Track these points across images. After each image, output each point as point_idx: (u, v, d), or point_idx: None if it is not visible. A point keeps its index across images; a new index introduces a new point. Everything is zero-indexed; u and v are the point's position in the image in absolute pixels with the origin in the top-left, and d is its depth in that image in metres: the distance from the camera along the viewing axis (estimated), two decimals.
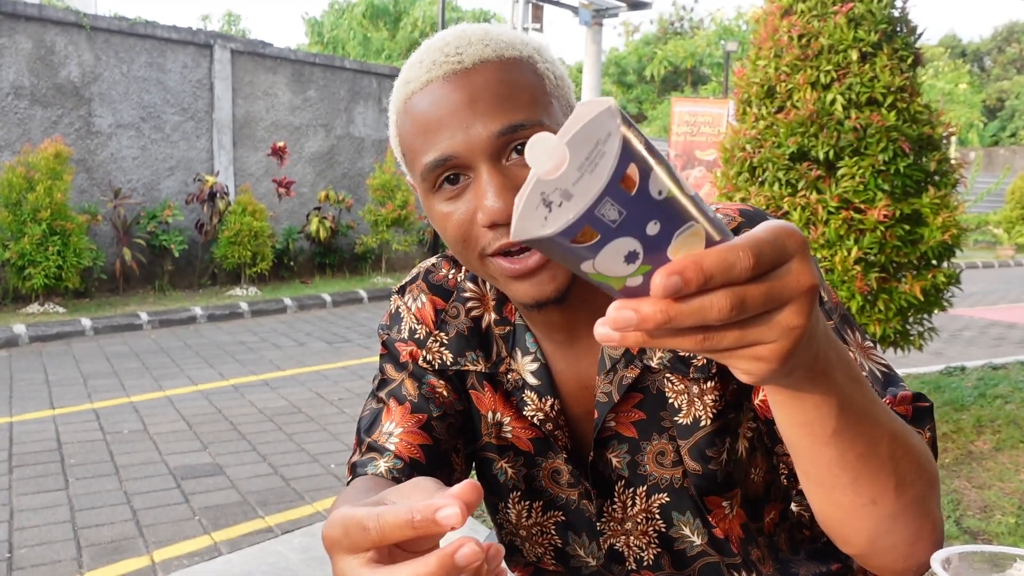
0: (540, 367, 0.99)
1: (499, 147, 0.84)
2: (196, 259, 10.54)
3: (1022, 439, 4.41)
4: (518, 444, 1.02)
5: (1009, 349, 7.58)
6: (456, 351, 1.02)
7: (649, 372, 0.95)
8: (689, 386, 0.94)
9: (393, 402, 1.01)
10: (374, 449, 0.97)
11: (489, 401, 1.02)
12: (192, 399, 5.68)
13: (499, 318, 1.02)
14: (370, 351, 7.34)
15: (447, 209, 0.88)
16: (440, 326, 1.04)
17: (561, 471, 1.01)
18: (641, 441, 0.97)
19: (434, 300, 1.06)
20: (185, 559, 3.31)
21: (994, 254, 17.54)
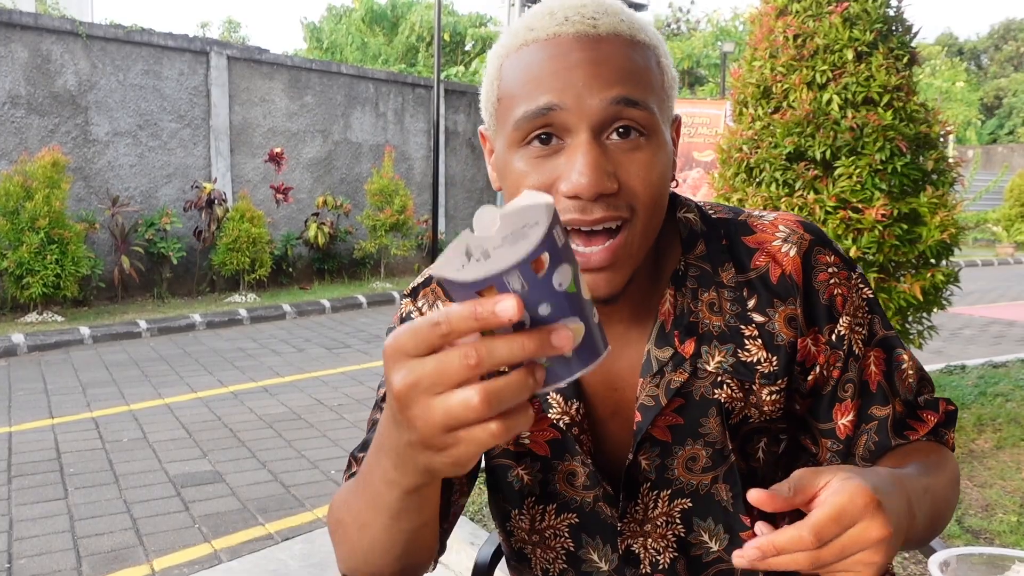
0: None
1: (607, 117, 0.82)
2: (195, 266, 10.53)
3: (1023, 437, 4.40)
4: (535, 449, 0.99)
5: (1009, 347, 7.57)
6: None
7: (697, 377, 0.93)
8: (747, 395, 0.94)
9: None
10: None
11: None
12: (191, 406, 5.67)
13: None
14: (370, 356, 7.33)
15: (527, 168, 0.85)
16: None
17: (577, 473, 0.98)
18: (674, 445, 0.95)
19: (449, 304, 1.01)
20: (185, 567, 3.30)
21: (993, 252, 17.54)
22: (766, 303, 0.94)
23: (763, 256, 0.95)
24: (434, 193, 12.71)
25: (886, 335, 0.99)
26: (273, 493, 4.08)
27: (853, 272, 0.97)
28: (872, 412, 0.96)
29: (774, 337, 0.94)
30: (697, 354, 0.93)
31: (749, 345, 0.94)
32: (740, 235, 0.97)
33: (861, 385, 0.96)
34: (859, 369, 0.96)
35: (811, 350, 0.95)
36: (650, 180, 0.85)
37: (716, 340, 0.93)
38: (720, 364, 0.93)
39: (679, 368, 0.93)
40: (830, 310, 0.94)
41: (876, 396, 0.96)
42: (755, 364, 0.93)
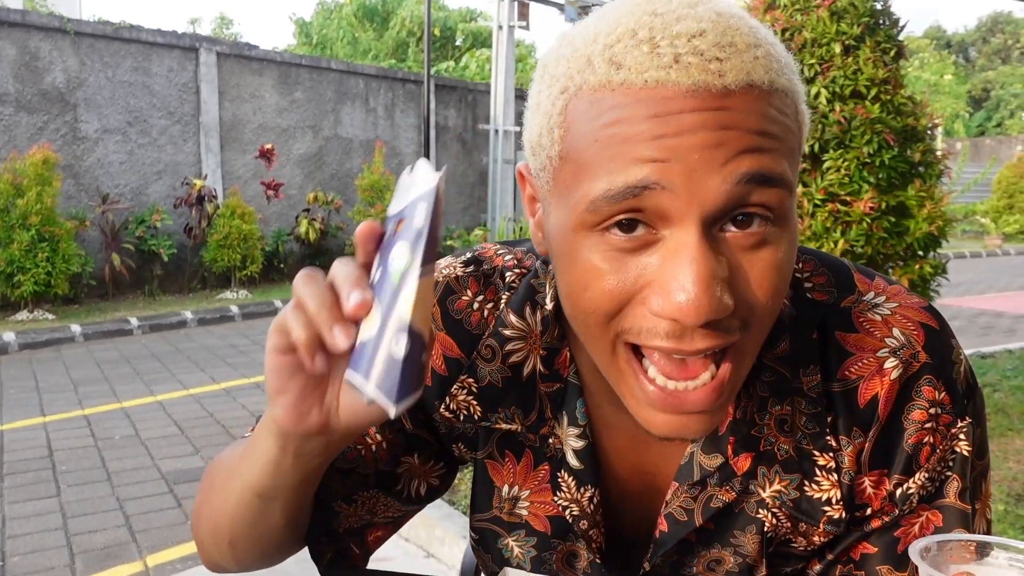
0: (586, 447, 0.79)
1: (729, 203, 0.58)
2: (186, 263, 10.51)
3: (1011, 427, 4.44)
4: (532, 523, 0.83)
5: (997, 338, 7.62)
6: (487, 405, 0.80)
7: (745, 500, 0.76)
8: (795, 524, 0.77)
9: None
10: None
11: (508, 473, 0.83)
12: (184, 403, 5.67)
13: (547, 372, 0.79)
14: None
15: (604, 265, 0.61)
16: (469, 370, 0.80)
17: (579, 555, 0.84)
18: (698, 546, 0.79)
19: (445, 341, 0.81)
20: (179, 563, 3.31)
21: (981, 244, 17.63)
22: (846, 428, 0.74)
23: (858, 367, 0.74)
24: None
25: (960, 507, 0.75)
26: None
27: (960, 420, 0.74)
28: (879, 571, 0.76)
29: (843, 472, 0.75)
30: (751, 474, 0.75)
31: (820, 477, 0.75)
32: (837, 331, 0.75)
33: (890, 540, 0.76)
34: (897, 525, 0.76)
35: (868, 492, 0.75)
36: (774, 288, 0.62)
37: (779, 466, 0.75)
38: (778, 495, 0.75)
39: (726, 484, 0.75)
40: (909, 460, 0.74)
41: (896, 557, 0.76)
42: (822, 503, 0.75)
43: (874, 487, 0.75)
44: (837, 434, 0.74)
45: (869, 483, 0.75)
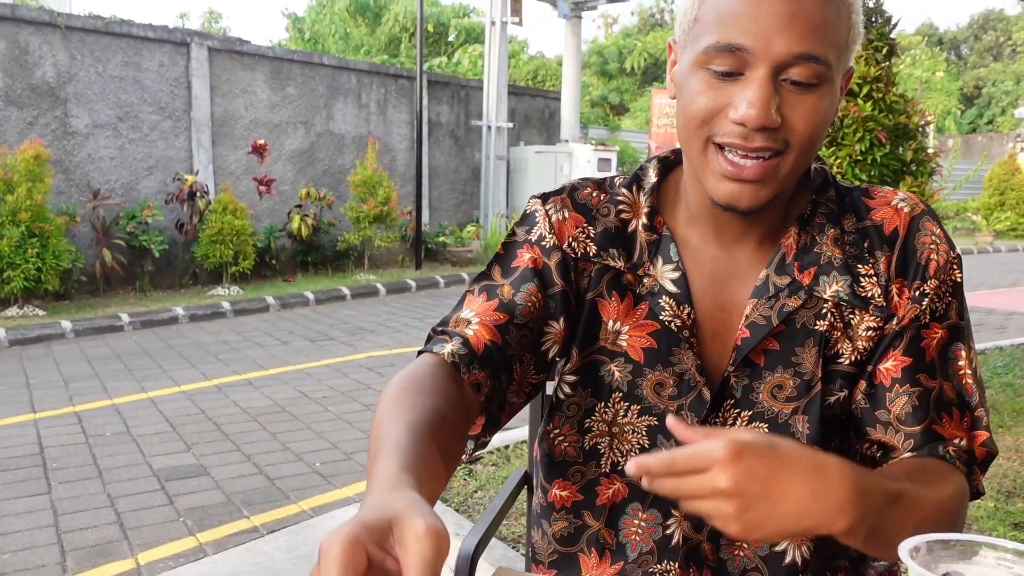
0: (681, 277, 1.03)
1: (787, 64, 0.88)
2: (177, 259, 10.48)
3: (1001, 424, 4.45)
4: (631, 353, 1.05)
5: (988, 335, 7.65)
6: (600, 244, 1.06)
7: (805, 307, 1.00)
8: (849, 319, 1.00)
9: (483, 296, 1.04)
10: (446, 333, 1.00)
11: (613, 309, 1.06)
12: (175, 400, 5.65)
13: (648, 224, 1.06)
14: (354, 348, 7.33)
15: (702, 88, 0.92)
16: (590, 220, 1.08)
17: (665, 383, 1.04)
18: (764, 370, 1.01)
19: (576, 218, 1.08)
20: (170, 561, 3.30)
21: (973, 241, 17.68)
22: (879, 246, 1.01)
23: (879, 213, 1.03)
24: (417, 184, 12.69)
25: (958, 323, 1.02)
26: (258, 486, 4.09)
27: (952, 251, 1.02)
28: (919, 378, 0.99)
29: (880, 277, 1.00)
30: (815, 283, 1.00)
31: (865, 283, 1.00)
32: (862, 197, 1.05)
33: (919, 350, 0.99)
34: (920, 335, 0.99)
35: (894, 299, 1.00)
36: (812, 121, 0.91)
37: (836, 271, 1.00)
38: (836, 293, 1.00)
39: (795, 295, 1.00)
40: (923, 269, 1.00)
41: (927, 367, 0.99)
42: (870, 298, 1.00)
43: (899, 294, 1.00)
44: (873, 251, 1.01)
45: (895, 289, 1.00)
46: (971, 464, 0.98)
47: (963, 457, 0.97)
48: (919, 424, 0.97)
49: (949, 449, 0.97)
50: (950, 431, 0.98)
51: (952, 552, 0.62)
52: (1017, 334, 7.58)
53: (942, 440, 0.97)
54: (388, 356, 7.02)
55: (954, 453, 0.97)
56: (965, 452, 0.97)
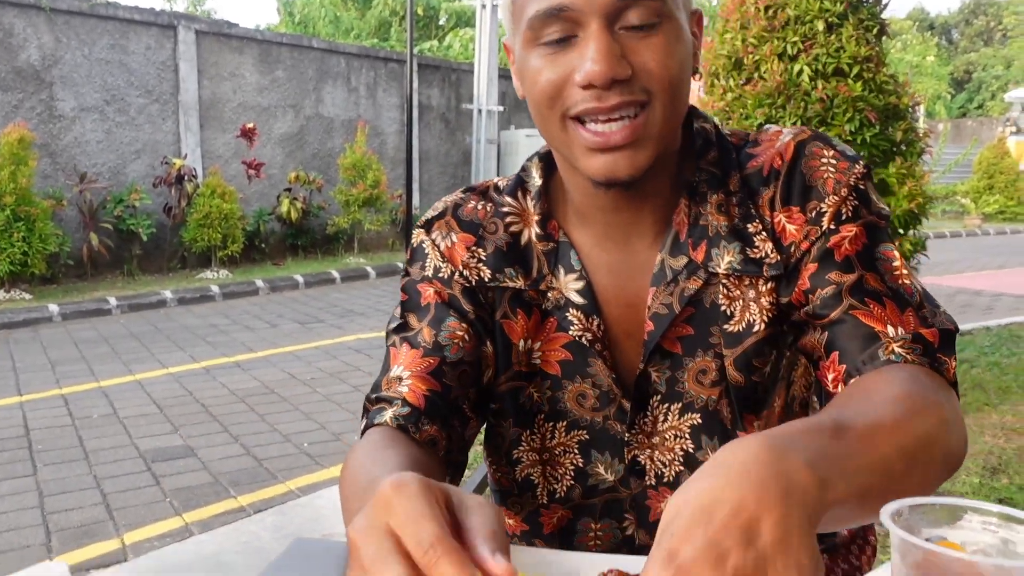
0: (585, 286, 0.97)
1: (619, 10, 0.83)
2: (165, 243, 10.42)
3: (987, 402, 4.48)
4: (546, 369, 1.00)
5: (975, 315, 7.68)
6: (494, 267, 0.99)
7: (708, 284, 0.94)
8: (746, 291, 0.94)
9: (405, 347, 0.97)
10: (383, 400, 0.95)
11: (521, 328, 1.00)
12: (163, 382, 5.63)
13: (542, 233, 0.99)
14: (343, 331, 7.31)
15: (541, 64, 0.87)
16: (478, 243, 1.01)
17: (587, 395, 0.99)
18: (684, 357, 0.96)
19: (466, 238, 1.01)
20: (156, 541, 3.29)
21: (962, 224, 17.74)
22: (761, 194, 0.95)
23: (764, 155, 0.96)
24: (408, 168, 12.64)
25: (876, 221, 0.92)
26: (245, 467, 4.07)
27: (856, 164, 0.93)
28: (829, 277, 0.89)
29: (765, 222, 0.94)
30: (708, 257, 0.93)
31: (756, 241, 0.93)
32: (747, 148, 0.98)
33: (826, 252, 0.90)
34: (828, 239, 0.91)
35: (785, 227, 0.93)
36: (665, 63, 0.85)
37: (724, 240, 0.93)
38: (730, 265, 0.93)
39: (693, 275, 0.94)
40: (816, 190, 0.92)
41: (840, 264, 0.89)
42: (763, 259, 0.93)
43: (788, 219, 0.92)
44: (757, 202, 0.94)
45: (784, 218, 0.93)
46: (929, 353, 0.84)
47: (915, 349, 0.83)
48: (834, 309, 0.87)
49: (893, 347, 0.83)
50: (882, 321, 0.85)
51: (936, 516, 0.61)
52: (1004, 315, 7.61)
53: (877, 341, 0.84)
54: (377, 338, 7.00)
55: (900, 349, 0.83)
56: (913, 342, 0.84)
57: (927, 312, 0.87)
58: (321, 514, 3.40)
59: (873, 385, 0.79)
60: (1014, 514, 0.57)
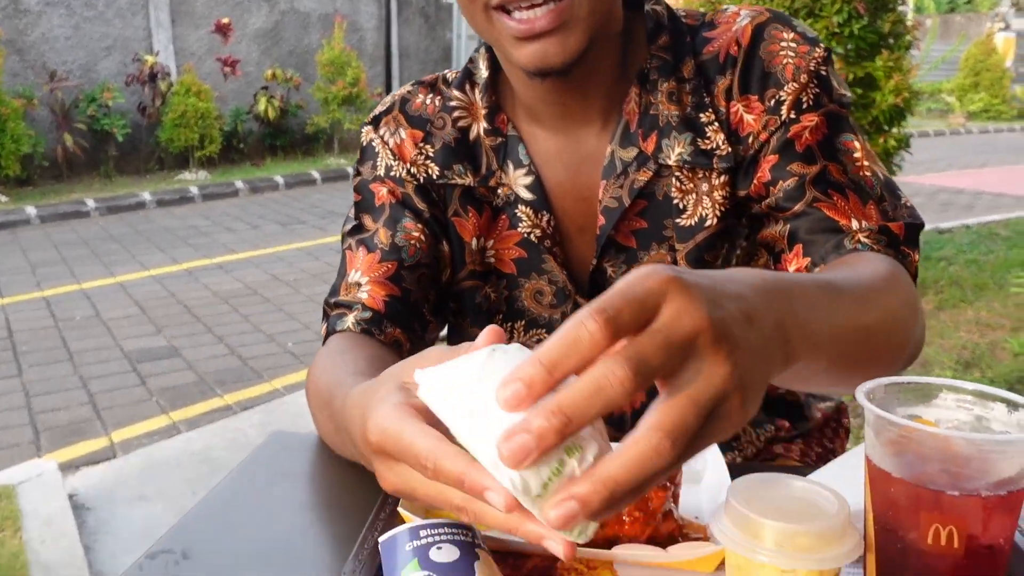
0: (534, 181, 0.95)
1: None
2: (141, 143, 10.23)
3: (963, 298, 4.54)
4: (501, 268, 0.99)
5: (955, 213, 7.72)
6: (443, 164, 0.97)
7: (660, 175, 0.92)
8: (699, 184, 0.91)
9: (362, 250, 0.96)
10: (342, 306, 0.95)
11: (473, 226, 0.98)
12: (144, 284, 5.61)
13: (490, 128, 0.97)
14: (325, 232, 7.27)
15: None
16: (426, 139, 0.98)
17: (544, 292, 0.98)
18: (639, 251, 0.94)
19: (414, 134, 0.99)
20: (144, 438, 3.33)
21: (946, 122, 17.66)
22: (716, 82, 0.91)
23: (721, 39, 0.92)
24: (387, 65, 12.36)
25: (838, 111, 0.90)
26: (231, 366, 4.10)
27: (816, 47, 0.90)
28: (791, 168, 0.87)
29: (720, 113, 0.91)
30: (658, 148, 0.91)
31: (708, 131, 0.90)
32: (704, 32, 0.94)
33: (787, 143, 0.88)
34: (788, 130, 0.88)
35: (743, 117, 0.90)
36: None
37: (675, 131, 0.90)
38: (680, 156, 0.90)
39: (643, 167, 0.91)
40: (775, 77, 0.89)
41: (801, 155, 0.87)
42: (713, 150, 0.90)
43: (747, 110, 0.90)
44: (712, 90, 0.91)
45: (742, 108, 0.90)
46: (894, 245, 0.84)
47: (880, 240, 0.84)
48: (798, 201, 0.86)
49: (859, 237, 0.84)
50: (846, 214, 0.85)
51: (911, 395, 0.61)
52: (984, 213, 7.65)
53: (842, 233, 0.84)
54: None
55: (867, 239, 0.84)
56: (879, 233, 0.84)
57: (888, 205, 0.87)
58: (306, 412, 3.43)
59: (850, 263, 0.81)
60: (988, 391, 0.58)
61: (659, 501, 0.67)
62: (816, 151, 0.87)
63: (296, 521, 0.77)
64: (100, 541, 2.60)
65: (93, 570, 2.42)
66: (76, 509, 2.76)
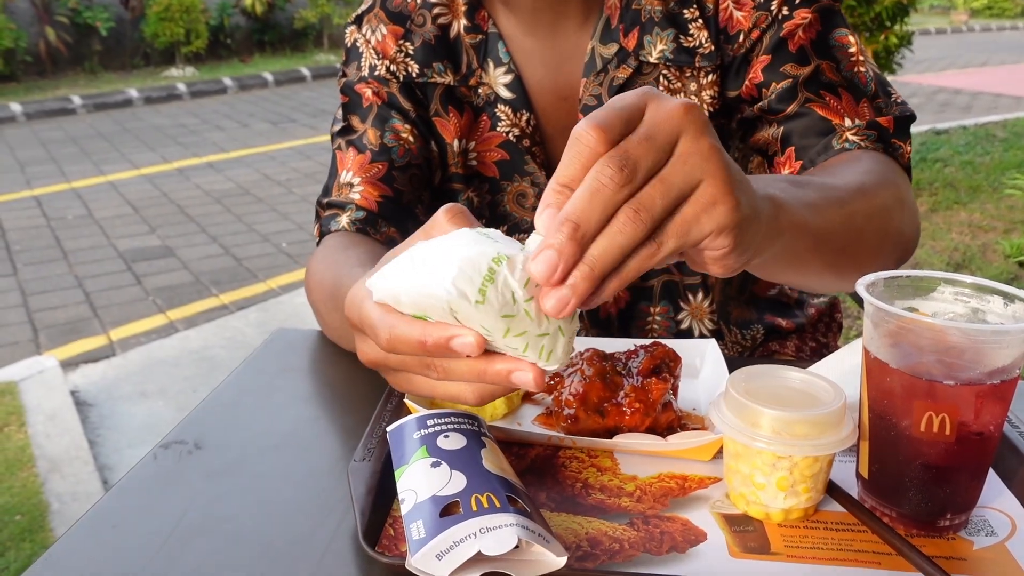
0: (514, 79, 0.94)
1: None
2: (126, 38, 9.98)
3: (957, 200, 4.54)
4: (483, 171, 0.98)
5: (953, 114, 7.65)
6: (422, 62, 0.95)
7: (641, 73, 0.90)
8: (687, 83, 0.90)
9: (352, 151, 0.96)
10: (335, 206, 0.94)
11: (454, 127, 0.97)
12: (135, 183, 5.56)
13: (470, 25, 0.95)
14: (316, 131, 7.18)
15: None
16: (406, 36, 0.96)
17: (527, 194, 0.98)
18: None
19: (395, 30, 0.97)
20: (142, 337, 3.36)
21: (948, 20, 17.31)
22: None
23: None
24: None
25: (829, 6, 0.88)
26: (225, 266, 4.11)
27: None
28: (785, 70, 0.86)
29: (706, 10, 0.89)
30: (640, 45, 0.89)
31: (691, 28, 0.89)
32: None
33: (779, 42, 0.87)
34: (780, 27, 0.87)
35: (733, 15, 0.88)
36: None
37: (658, 27, 0.89)
38: (662, 53, 0.89)
39: (623, 64, 0.90)
40: None
41: (794, 56, 0.86)
42: (696, 48, 0.89)
43: (736, 6, 0.87)
44: None
45: (732, 4, 0.88)
46: (883, 139, 0.84)
47: (869, 135, 0.84)
48: (790, 103, 0.86)
49: (847, 135, 0.84)
50: (839, 113, 0.85)
51: (909, 288, 0.62)
52: (981, 114, 7.58)
53: (833, 132, 0.84)
54: None
55: (854, 136, 0.83)
56: (868, 128, 0.84)
57: (882, 102, 0.86)
58: (302, 311, 3.47)
59: (832, 165, 0.81)
60: (985, 284, 0.59)
61: (659, 392, 0.69)
62: (809, 50, 0.86)
63: (304, 413, 0.79)
64: (103, 436, 2.65)
65: (98, 463, 2.48)
66: (78, 405, 2.81)
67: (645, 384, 0.69)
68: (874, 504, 0.59)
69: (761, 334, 1.05)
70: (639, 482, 0.64)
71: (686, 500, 0.61)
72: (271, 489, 0.65)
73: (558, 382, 0.72)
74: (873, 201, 0.75)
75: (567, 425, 0.69)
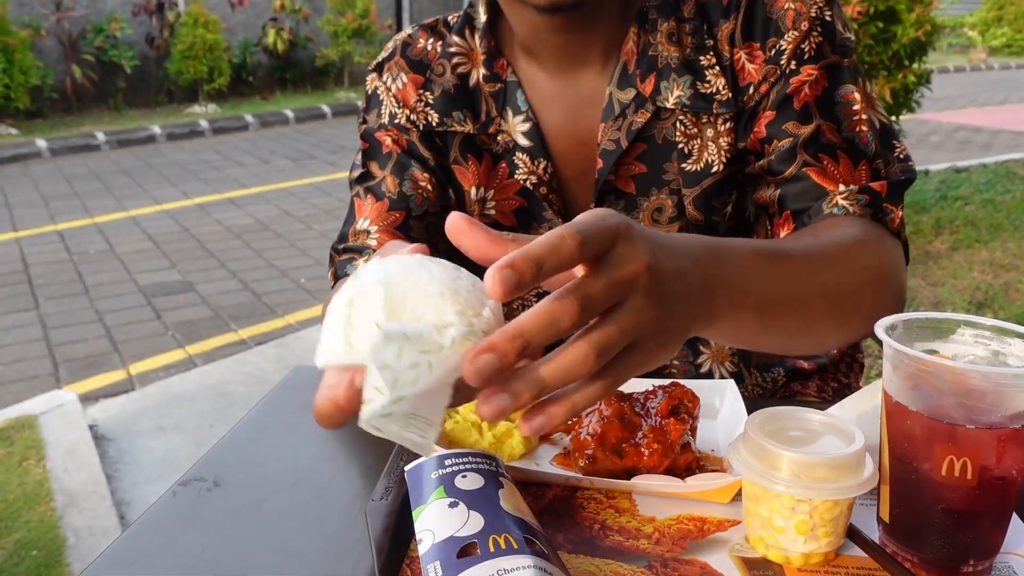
0: (532, 127, 0.95)
1: None
2: (150, 75, 10.15)
3: (978, 238, 4.52)
4: (501, 220, 0.98)
5: (973, 152, 7.63)
6: (442, 111, 0.96)
7: (659, 119, 0.91)
8: (704, 129, 0.91)
9: (370, 198, 0.97)
10: (351, 251, 0.95)
11: (473, 175, 0.98)
12: (157, 219, 5.63)
13: (489, 74, 0.96)
14: (336, 167, 7.25)
15: None
16: (425, 86, 0.98)
17: None
18: (639, 197, 0.94)
19: (415, 79, 0.99)
20: (161, 371, 3.38)
21: (966, 58, 17.32)
22: (719, 25, 0.90)
23: None
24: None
25: (839, 62, 0.88)
26: (244, 301, 4.14)
27: None
28: (787, 128, 0.87)
29: (723, 58, 0.90)
30: (656, 91, 0.90)
31: (708, 75, 0.90)
32: None
33: (785, 98, 0.87)
34: (788, 83, 0.87)
35: (745, 66, 0.89)
36: None
37: (674, 73, 0.90)
38: (679, 99, 0.90)
39: (641, 108, 0.91)
40: (776, 24, 0.88)
41: (798, 113, 0.87)
42: (714, 95, 0.89)
43: (749, 59, 0.89)
44: (714, 32, 0.90)
45: (745, 55, 0.89)
46: (874, 204, 0.84)
47: (859, 200, 0.84)
48: (789, 165, 0.86)
49: (837, 200, 0.84)
50: (834, 180, 0.85)
51: (929, 330, 0.62)
52: (1002, 152, 7.56)
53: (825, 195, 0.85)
54: None
55: (844, 201, 0.84)
56: (859, 193, 0.84)
57: (881, 162, 0.87)
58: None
59: (817, 230, 0.83)
60: (1006, 327, 0.59)
61: (677, 434, 0.68)
62: (813, 108, 0.87)
63: (322, 452, 0.79)
64: (121, 470, 2.65)
65: (116, 498, 2.48)
66: (97, 439, 2.82)
67: (663, 425, 0.69)
68: (895, 549, 0.59)
69: (783, 376, 1.05)
70: (658, 524, 0.63)
71: (705, 543, 0.61)
72: (289, 528, 0.65)
73: (576, 422, 0.71)
74: (842, 276, 0.76)
75: (585, 466, 0.68)
